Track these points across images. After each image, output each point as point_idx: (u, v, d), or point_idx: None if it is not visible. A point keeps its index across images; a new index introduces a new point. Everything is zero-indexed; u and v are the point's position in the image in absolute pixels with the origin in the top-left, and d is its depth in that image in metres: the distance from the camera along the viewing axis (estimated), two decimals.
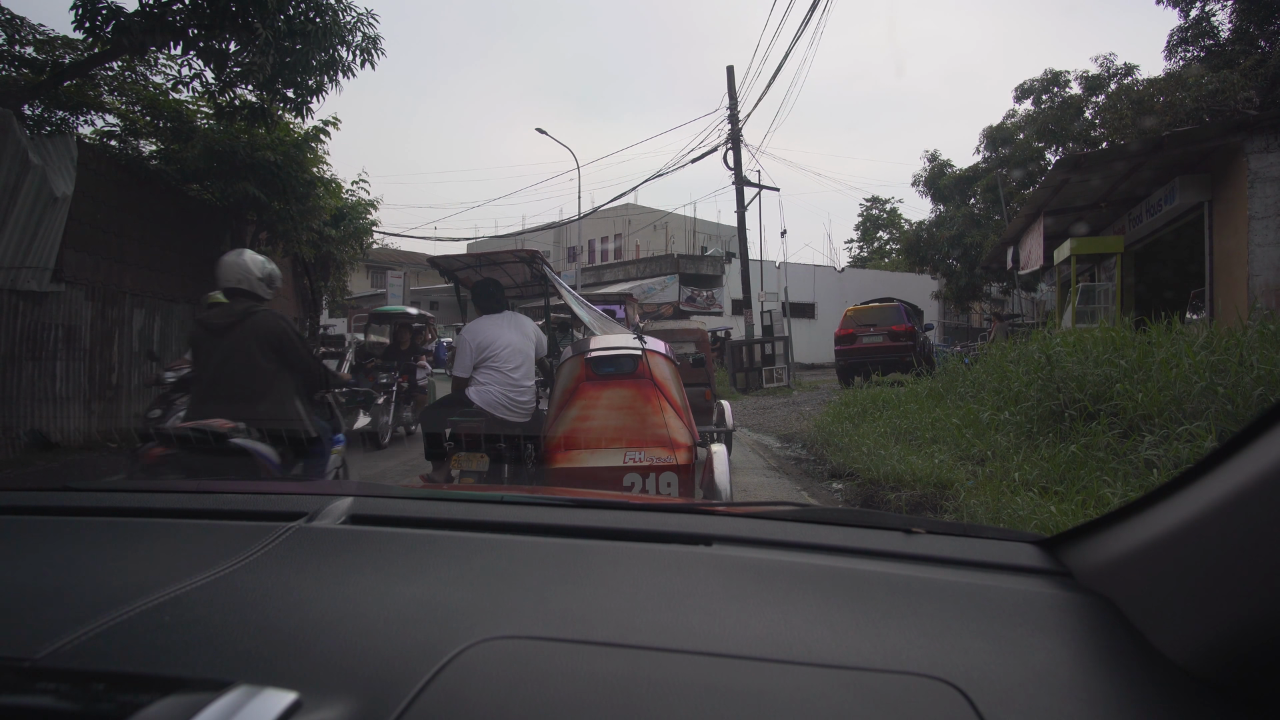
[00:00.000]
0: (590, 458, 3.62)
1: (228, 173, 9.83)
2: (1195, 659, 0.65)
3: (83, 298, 8.17)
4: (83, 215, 8.05)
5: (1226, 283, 9.00)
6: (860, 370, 15.23)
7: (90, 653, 0.68)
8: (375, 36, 8.83)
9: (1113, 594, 0.80)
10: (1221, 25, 19.36)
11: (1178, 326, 6.22)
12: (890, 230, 52.13)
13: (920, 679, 0.65)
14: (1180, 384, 4.71)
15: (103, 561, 0.95)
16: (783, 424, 10.06)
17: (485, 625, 0.73)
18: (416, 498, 1.34)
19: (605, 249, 41.75)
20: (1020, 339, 8.33)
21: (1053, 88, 22.27)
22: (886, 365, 14.77)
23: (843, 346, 15.08)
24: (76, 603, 0.78)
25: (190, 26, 7.89)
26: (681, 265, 25.99)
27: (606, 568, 0.93)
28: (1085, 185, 11.01)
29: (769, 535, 1.06)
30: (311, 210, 11.04)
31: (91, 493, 1.31)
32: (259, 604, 0.79)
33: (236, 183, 9.76)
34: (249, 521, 1.07)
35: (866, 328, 14.88)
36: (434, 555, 0.96)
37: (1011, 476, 4.36)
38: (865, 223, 53.50)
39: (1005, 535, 1.12)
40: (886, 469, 5.27)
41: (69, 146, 7.65)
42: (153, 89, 9.81)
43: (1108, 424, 4.65)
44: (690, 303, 25.99)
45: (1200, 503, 0.69)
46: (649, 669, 0.67)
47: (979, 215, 22.03)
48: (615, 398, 3.80)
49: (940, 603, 0.82)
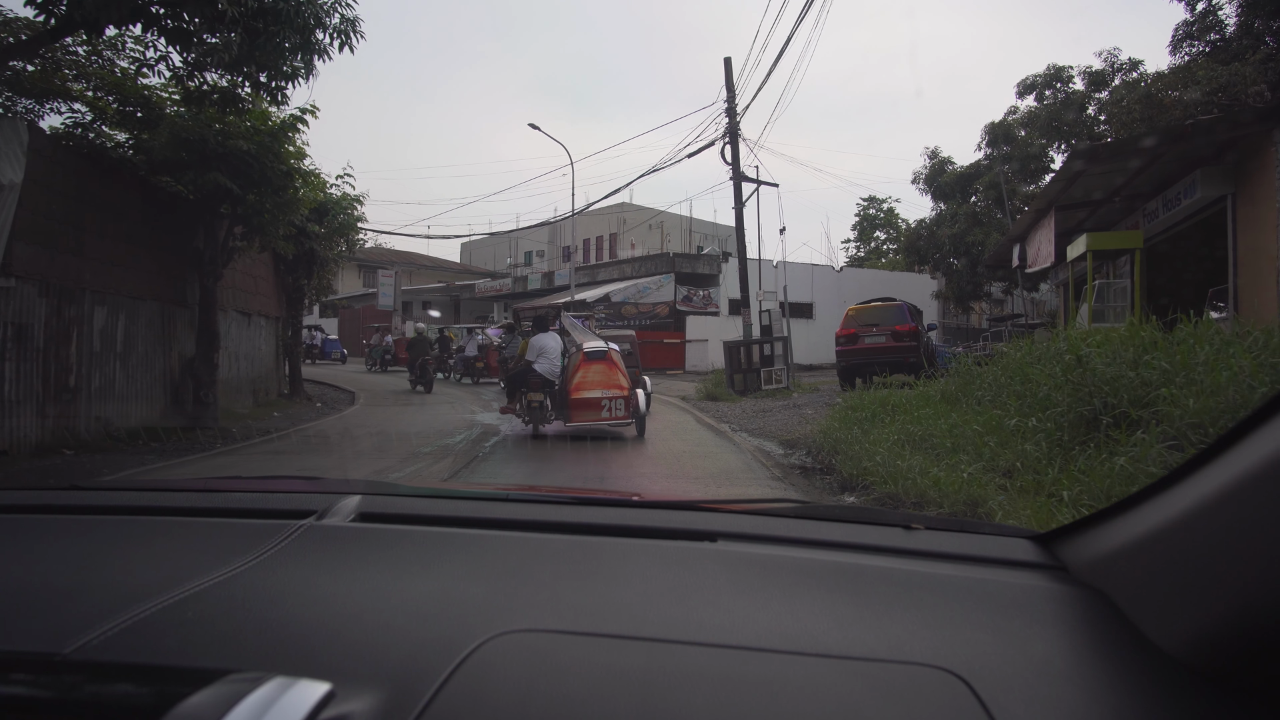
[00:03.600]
0: (587, 392, 8.58)
1: (198, 163, 9.29)
2: (1186, 649, 0.67)
3: (35, 294, 7.62)
4: (36, 205, 7.49)
5: (1252, 279, 8.54)
6: (862, 372, 14.75)
7: (119, 647, 0.69)
8: (354, 19, 8.30)
9: (1106, 587, 0.81)
10: (1228, 19, 19.00)
11: (1211, 325, 5.74)
12: (887, 230, 51.87)
13: (924, 669, 0.67)
14: (1232, 388, 4.23)
15: (117, 559, 0.96)
16: (784, 428, 9.56)
17: (502, 619, 0.74)
18: (424, 495, 1.37)
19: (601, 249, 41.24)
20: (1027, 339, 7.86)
21: (1055, 83, 21.83)
22: (890, 366, 14.30)
23: (844, 347, 14.60)
24: (98, 600, 0.79)
25: (152, 4, 7.37)
26: (677, 264, 25.48)
27: (615, 563, 0.94)
28: (1099, 178, 10.56)
29: (772, 531, 1.08)
30: (289, 203, 10.49)
31: (99, 491, 1.34)
32: (279, 600, 0.81)
33: (207, 173, 9.21)
34: (259, 520, 1.07)
35: (869, 327, 14.40)
36: (445, 552, 0.97)
37: (1059, 494, 3.86)
38: (862, 222, 53.21)
39: (1002, 531, 1.18)
40: (906, 483, 4.76)
41: (18, 131, 7.10)
42: (119, 73, 9.26)
43: (1156, 434, 4.15)
44: (686, 302, 25.49)
45: (1191, 498, 0.70)
46: (664, 660, 0.68)
47: (981, 213, 21.58)
48: (596, 368, 8.71)
49: (941, 596, 0.83)
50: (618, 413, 8.55)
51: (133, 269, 9.34)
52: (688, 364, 24.76)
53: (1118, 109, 16.37)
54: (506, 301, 31.72)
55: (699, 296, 25.74)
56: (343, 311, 40.11)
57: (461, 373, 19.94)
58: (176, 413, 9.91)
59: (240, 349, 12.57)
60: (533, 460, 8.06)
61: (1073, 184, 10.48)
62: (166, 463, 7.68)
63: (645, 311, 24.95)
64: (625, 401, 8.56)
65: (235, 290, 12.34)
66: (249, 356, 12.94)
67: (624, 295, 24.84)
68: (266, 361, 14.07)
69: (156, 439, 8.94)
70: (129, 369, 9.13)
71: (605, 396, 8.54)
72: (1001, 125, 21.72)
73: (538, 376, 8.65)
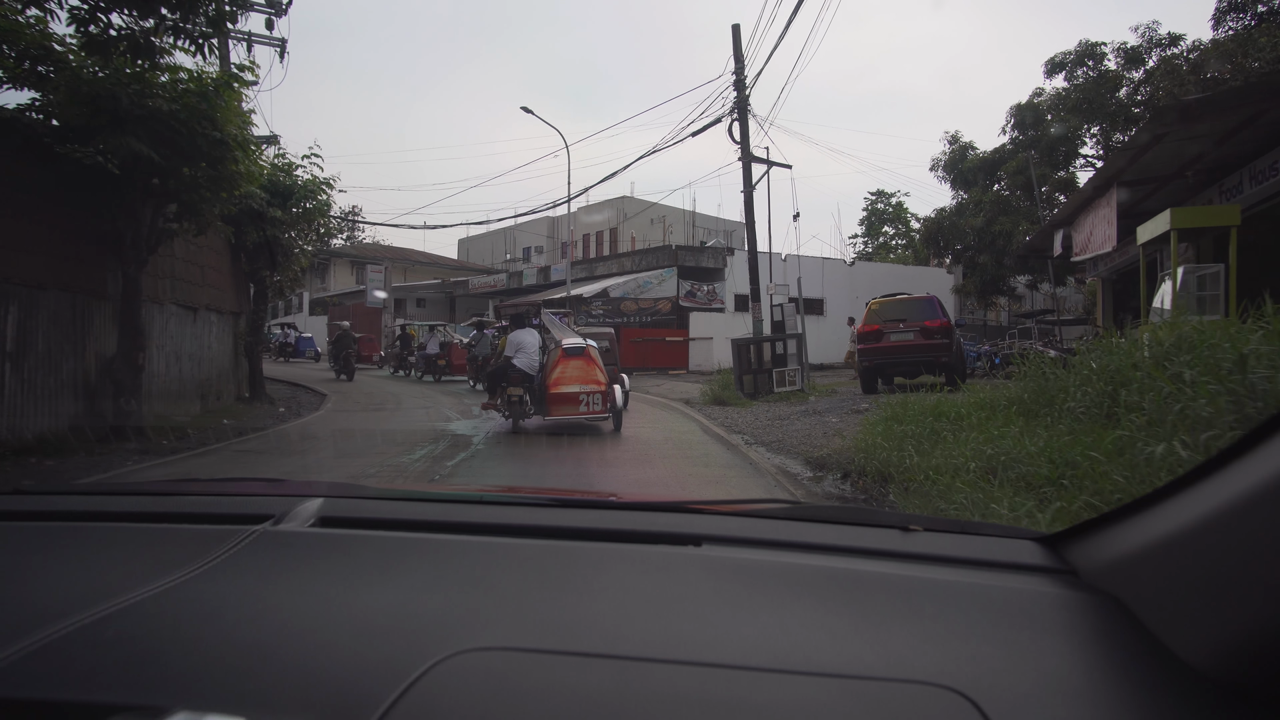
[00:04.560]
0: (565, 387, 8.62)
1: (109, 126, 7.76)
2: (1213, 661, 0.62)
3: None
4: None
5: None
6: (888, 373, 13.21)
7: (18, 676, 0.64)
8: None
9: (1121, 593, 0.76)
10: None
11: None
12: (895, 225, 50.46)
13: (928, 688, 0.62)
14: None
15: (47, 572, 0.88)
16: (807, 441, 8.02)
17: (460, 636, 0.69)
18: (391, 498, 1.32)
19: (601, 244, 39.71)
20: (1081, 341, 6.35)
21: (1087, 60, 20.25)
22: (920, 367, 12.76)
23: (867, 345, 13.03)
24: (8, 619, 0.73)
25: None
26: (680, 257, 23.87)
27: (590, 571, 0.89)
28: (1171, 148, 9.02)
29: (761, 534, 1.03)
30: (226, 178, 8.96)
31: (44, 496, 1.29)
32: (213, 616, 0.75)
33: (120, 137, 7.69)
34: (211, 525, 1.01)
35: (895, 323, 12.84)
36: (407, 560, 0.91)
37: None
38: (870, 217, 51.81)
39: (1006, 532, 1.12)
40: None
41: None
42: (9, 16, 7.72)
43: None
44: (690, 298, 23.91)
45: (1224, 495, 0.64)
46: (637, 682, 0.63)
47: (1009, 200, 19.96)
48: (575, 364, 8.76)
49: (942, 604, 0.79)
50: (595, 407, 8.69)
51: (30, 252, 7.82)
52: (691, 363, 23.21)
53: (1170, 80, 14.79)
54: (501, 297, 30.20)
55: (703, 292, 24.15)
56: (332, 309, 38.64)
57: (423, 370, 19.46)
58: (91, 422, 8.39)
59: (183, 348, 11.05)
60: (516, 461, 7.25)
61: (1145, 154, 8.93)
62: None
63: (646, 307, 23.36)
64: (603, 396, 8.73)
65: (176, 281, 10.82)
66: (195, 356, 11.43)
67: (623, 290, 23.26)
68: (219, 362, 12.56)
69: (55, 453, 7.45)
70: (24, 372, 7.61)
71: (583, 391, 8.67)
72: (1029, 107, 20.11)
73: (517, 371, 8.88)
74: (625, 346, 22.94)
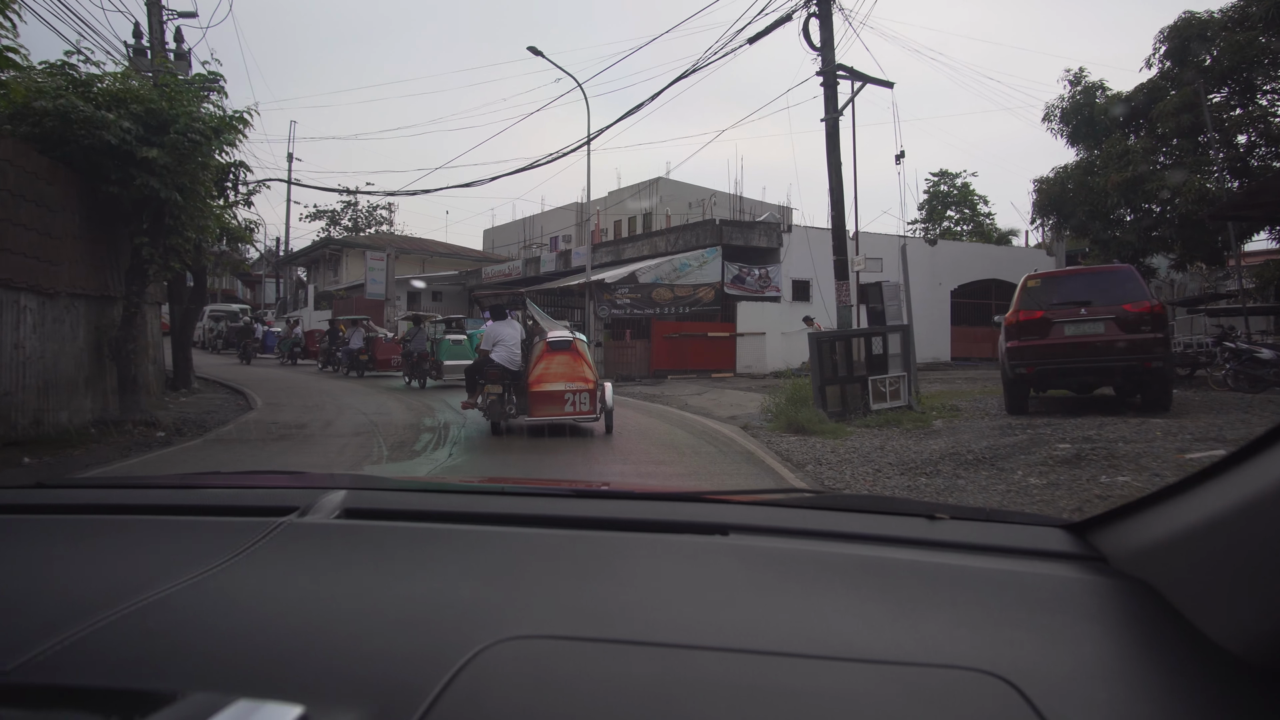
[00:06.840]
0: (549, 385, 7.93)
1: None
2: (1249, 644, 0.62)
3: None
4: None
5: None
6: (1059, 382, 8.68)
7: (66, 665, 0.63)
8: None
9: (1154, 579, 0.75)
10: None
11: None
12: (960, 209, 45.42)
13: (969, 673, 0.62)
14: None
15: (79, 564, 0.88)
16: None
17: (498, 625, 0.68)
18: (414, 489, 1.32)
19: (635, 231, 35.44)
20: None
21: None
22: (1117, 376, 8.23)
23: (1023, 341, 8.45)
24: (50, 610, 0.73)
25: None
26: (726, 234, 19.34)
27: (619, 561, 0.88)
28: None
29: (787, 523, 1.03)
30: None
31: (67, 489, 1.29)
32: (252, 607, 0.75)
33: None
34: (237, 517, 1.01)
35: (1073, 308, 8.25)
36: (437, 550, 0.91)
37: None
38: (931, 200, 46.75)
39: (1032, 520, 1.10)
40: None
41: None
42: None
43: None
44: (737, 284, 19.40)
45: (1258, 483, 0.64)
46: (680, 669, 0.63)
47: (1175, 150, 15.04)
48: (560, 359, 8.07)
49: (973, 590, 0.79)
50: (582, 407, 8.00)
51: None
52: (739, 364, 18.77)
53: None
54: (517, 287, 26.12)
55: (753, 276, 19.60)
56: (337, 302, 35.13)
57: (348, 366, 18.50)
58: None
59: None
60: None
61: None
62: None
63: (683, 296, 18.94)
64: (590, 395, 8.03)
65: None
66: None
67: (655, 274, 18.85)
68: (62, 366, 8.61)
69: None
70: None
71: (569, 389, 7.98)
72: (1189, 24, 15.14)
73: (495, 366, 8.28)
74: (658, 343, 18.47)
